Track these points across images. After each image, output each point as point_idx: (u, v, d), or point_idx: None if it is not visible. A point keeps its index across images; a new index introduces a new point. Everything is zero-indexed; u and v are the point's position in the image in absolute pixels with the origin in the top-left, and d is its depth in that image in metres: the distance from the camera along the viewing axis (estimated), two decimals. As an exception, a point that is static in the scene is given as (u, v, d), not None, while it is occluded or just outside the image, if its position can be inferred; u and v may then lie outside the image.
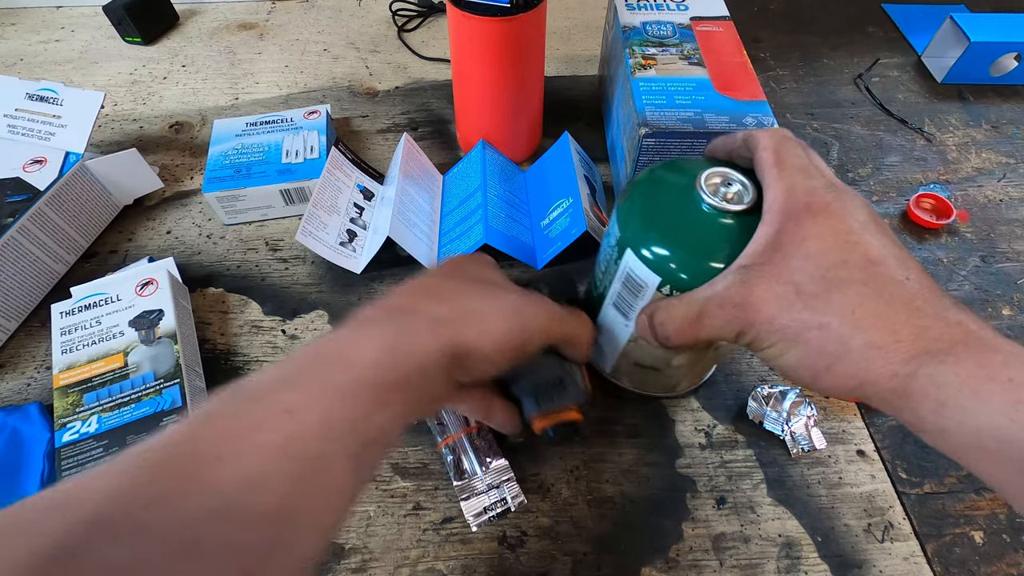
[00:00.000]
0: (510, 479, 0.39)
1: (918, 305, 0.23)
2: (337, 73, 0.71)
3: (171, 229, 0.55)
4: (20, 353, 0.46)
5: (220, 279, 0.51)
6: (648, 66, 0.51)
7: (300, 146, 0.56)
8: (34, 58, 0.72)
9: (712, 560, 0.37)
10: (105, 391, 0.40)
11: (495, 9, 0.47)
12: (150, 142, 0.63)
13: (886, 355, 0.22)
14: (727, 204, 0.29)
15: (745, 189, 0.30)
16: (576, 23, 0.79)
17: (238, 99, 0.67)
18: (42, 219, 0.48)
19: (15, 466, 0.38)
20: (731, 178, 0.31)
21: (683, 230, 0.30)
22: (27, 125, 0.51)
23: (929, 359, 0.22)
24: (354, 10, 0.81)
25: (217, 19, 0.79)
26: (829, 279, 0.23)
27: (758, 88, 0.49)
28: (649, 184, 0.33)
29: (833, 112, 0.67)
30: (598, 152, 0.61)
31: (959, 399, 0.21)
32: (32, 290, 0.48)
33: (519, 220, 0.52)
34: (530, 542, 0.38)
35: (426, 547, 0.38)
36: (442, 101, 0.67)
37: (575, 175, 0.51)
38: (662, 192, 0.32)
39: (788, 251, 0.25)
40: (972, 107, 0.68)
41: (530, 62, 0.53)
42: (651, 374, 0.40)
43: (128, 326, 0.42)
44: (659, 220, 0.31)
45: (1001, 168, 0.61)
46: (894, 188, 0.59)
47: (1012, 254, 0.54)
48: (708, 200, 0.30)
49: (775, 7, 0.82)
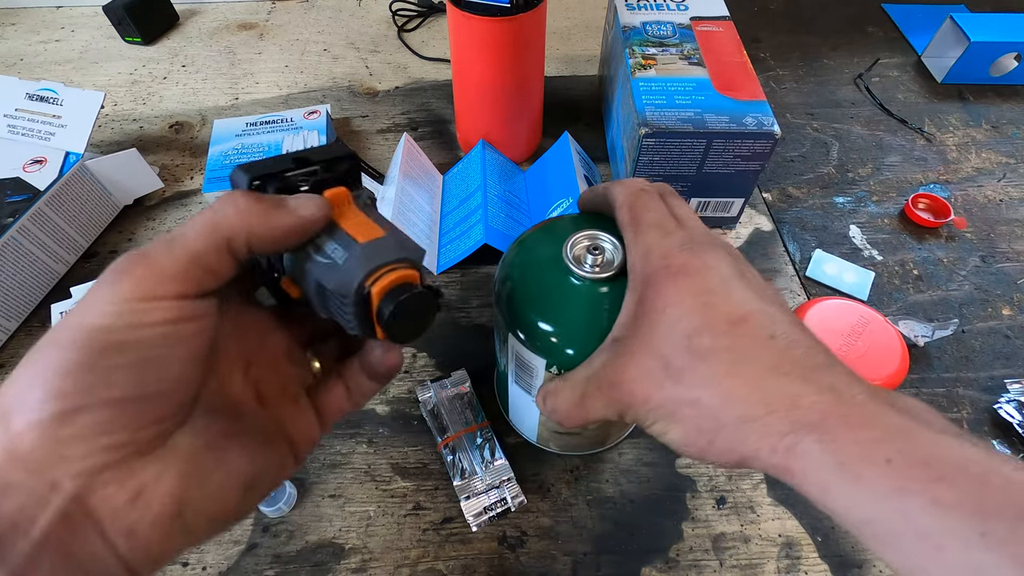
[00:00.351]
0: (510, 479, 0.39)
1: (787, 369, 0.21)
2: (337, 73, 0.71)
3: (171, 229, 0.55)
4: (20, 353, 0.46)
5: (220, 279, 0.51)
6: (648, 66, 0.51)
7: (300, 146, 0.56)
8: (34, 58, 0.72)
9: (712, 560, 0.37)
10: (105, 391, 0.39)
11: (495, 9, 0.47)
12: (150, 142, 0.63)
13: (761, 428, 0.20)
14: (597, 272, 0.28)
15: (616, 249, 0.28)
16: (576, 23, 0.79)
17: (238, 99, 0.67)
18: (42, 219, 0.48)
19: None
20: (599, 241, 0.29)
21: (558, 307, 0.28)
22: (27, 125, 0.51)
23: (805, 434, 0.19)
24: (354, 10, 0.81)
25: (217, 19, 0.79)
26: (693, 349, 0.22)
27: (758, 88, 0.49)
28: (520, 264, 0.31)
29: (833, 112, 0.67)
30: (598, 152, 0.61)
31: (840, 483, 0.18)
32: (32, 290, 0.48)
33: (519, 220, 0.52)
34: (530, 542, 0.38)
35: (426, 547, 0.38)
36: (442, 101, 0.67)
37: (575, 175, 0.51)
38: (533, 270, 0.30)
39: (652, 319, 0.23)
40: (972, 107, 0.68)
41: (530, 62, 0.53)
42: (574, 437, 0.39)
43: (128, 326, 0.42)
44: (533, 301, 0.29)
45: (1001, 168, 0.61)
46: (894, 188, 0.59)
47: (1012, 254, 0.54)
48: (577, 272, 0.28)
49: (775, 7, 0.82)
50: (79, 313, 0.18)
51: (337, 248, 0.22)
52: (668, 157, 0.48)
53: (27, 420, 0.16)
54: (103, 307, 0.17)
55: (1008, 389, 0.44)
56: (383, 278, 0.21)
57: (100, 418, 0.17)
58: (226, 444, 0.21)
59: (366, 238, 0.22)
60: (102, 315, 0.17)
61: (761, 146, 0.47)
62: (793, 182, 0.60)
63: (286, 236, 0.21)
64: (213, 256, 0.19)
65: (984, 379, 0.46)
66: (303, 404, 0.25)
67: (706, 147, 0.47)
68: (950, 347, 0.48)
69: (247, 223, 0.20)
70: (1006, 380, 0.45)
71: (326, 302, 0.22)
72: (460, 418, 0.41)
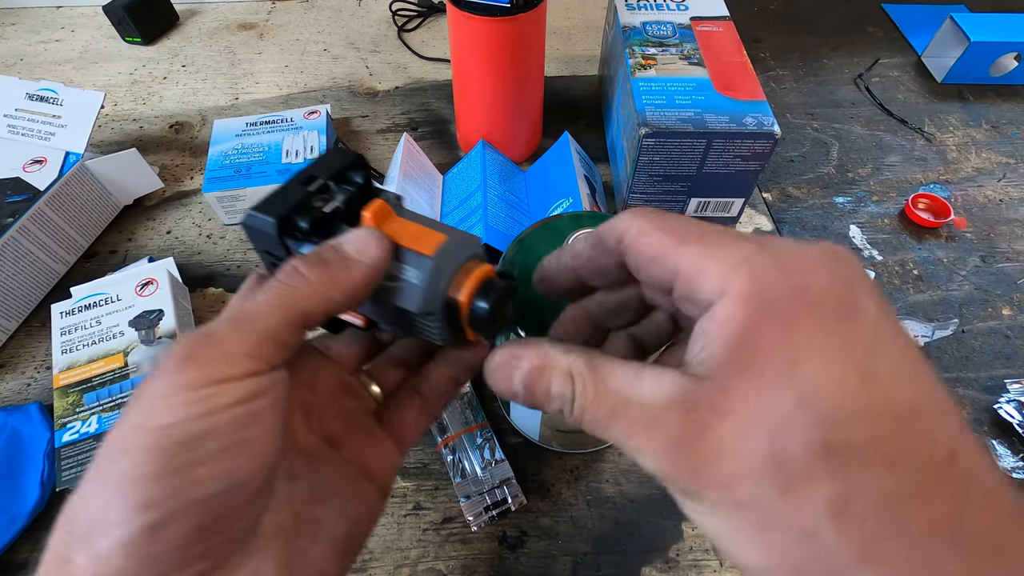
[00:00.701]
0: (510, 479, 0.39)
1: (970, 527, 0.13)
2: (337, 73, 0.71)
3: (171, 229, 0.55)
4: (20, 353, 0.46)
5: (220, 279, 0.51)
6: (648, 66, 0.51)
7: (300, 146, 0.56)
8: (34, 58, 0.72)
9: (712, 560, 0.37)
10: (105, 391, 0.40)
11: (495, 9, 0.47)
12: (150, 142, 0.63)
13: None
14: None
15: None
16: (576, 23, 0.79)
17: (238, 99, 0.67)
18: (42, 219, 0.47)
19: (15, 466, 0.38)
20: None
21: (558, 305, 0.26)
22: (27, 125, 0.51)
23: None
24: (354, 10, 0.81)
25: (217, 19, 0.79)
26: (833, 448, 0.14)
27: (758, 88, 0.49)
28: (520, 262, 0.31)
29: (833, 112, 0.67)
30: (598, 152, 0.61)
31: None
32: (32, 290, 0.48)
33: (519, 220, 0.52)
34: (530, 542, 0.38)
35: (426, 547, 0.38)
36: (442, 101, 0.67)
37: (575, 175, 0.51)
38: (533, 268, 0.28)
39: (768, 371, 0.14)
40: (972, 107, 0.68)
41: (530, 62, 0.53)
42: (578, 435, 0.39)
43: (128, 326, 0.42)
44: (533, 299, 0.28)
45: (1001, 168, 0.61)
46: (894, 188, 0.59)
47: (1012, 254, 0.54)
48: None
49: (775, 7, 0.82)
50: (143, 412, 0.16)
51: (407, 268, 0.20)
52: (668, 157, 0.48)
53: (114, 539, 0.15)
54: (169, 401, 0.16)
55: (1008, 389, 0.44)
56: (464, 284, 0.20)
57: (192, 524, 0.15)
58: (315, 511, 0.19)
59: (432, 248, 0.20)
60: (170, 409, 0.16)
61: (761, 146, 0.47)
62: (793, 182, 0.60)
63: (363, 290, 0.19)
64: (287, 331, 0.18)
65: (984, 379, 0.46)
66: (376, 433, 0.23)
67: (706, 147, 0.47)
68: (950, 347, 0.48)
69: (323, 295, 0.18)
70: (1006, 380, 0.45)
71: (409, 324, 0.21)
72: (460, 418, 0.41)
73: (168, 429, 0.15)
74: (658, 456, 0.16)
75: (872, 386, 0.14)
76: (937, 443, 0.14)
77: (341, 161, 0.22)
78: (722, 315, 0.15)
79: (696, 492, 0.15)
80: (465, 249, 0.21)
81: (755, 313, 0.15)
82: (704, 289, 0.15)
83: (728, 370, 0.15)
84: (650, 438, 0.16)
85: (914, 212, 0.56)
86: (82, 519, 0.15)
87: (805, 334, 0.14)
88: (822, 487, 0.14)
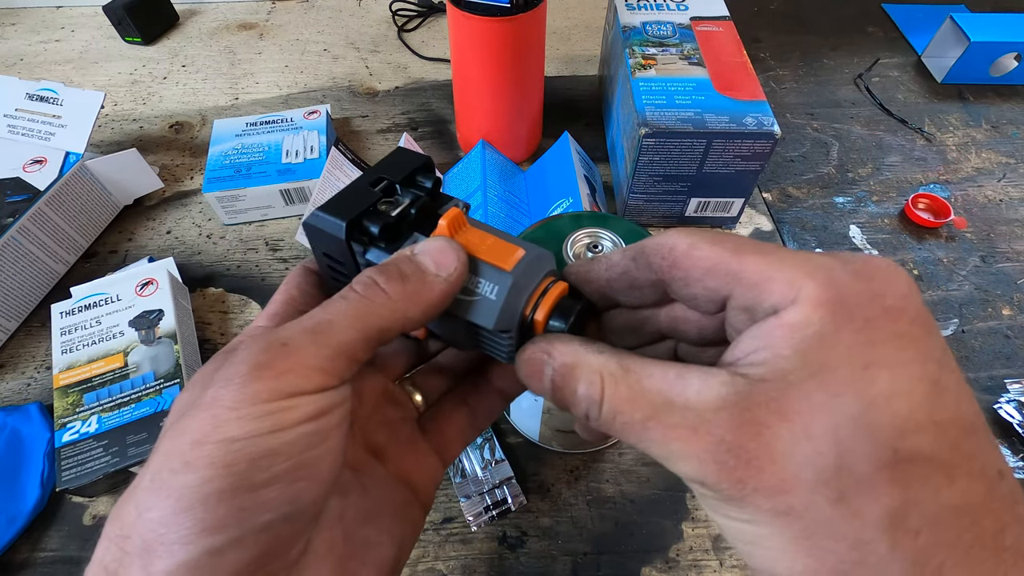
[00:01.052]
0: (510, 479, 0.39)
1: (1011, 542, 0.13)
2: (337, 73, 0.71)
3: (171, 229, 0.55)
4: (20, 353, 0.46)
5: (220, 279, 0.51)
6: (648, 66, 0.51)
7: (300, 146, 0.56)
8: (34, 58, 0.72)
9: (712, 560, 0.37)
10: (105, 391, 0.40)
11: (495, 9, 0.47)
12: (150, 142, 0.63)
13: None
14: None
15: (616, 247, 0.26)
16: (576, 23, 0.79)
17: (238, 99, 0.67)
18: (42, 219, 0.47)
19: (15, 466, 0.38)
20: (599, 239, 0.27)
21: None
22: (27, 125, 0.51)
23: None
24: (354, 10, 0.81)
25: (217, 19, 0.79)
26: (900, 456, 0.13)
27: (758, 88, 0.49)
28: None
29: (833, 112, 0.67)
30: (598, 152, 0.61)
31: None
32: (32, 290, 0.48)
33: (519, 220, 0.52)
34: (530, 542, 0.38)
35: (426, 547, 0.38)
36: (442, 101, 0.67)
37: (575, 175, 0.51)
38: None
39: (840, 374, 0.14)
40: (972, 107, 0.68)
41: (530, 62, 0.53)
42: (576, 436, 0.39)
43: (128, 326, 0.42)
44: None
45: (1001, 168, 0.61)
46: (894, 188, 0.59)
47: (1012, 254, 0.54)
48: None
49: (775, 7, 0.82)
50: (207, 423, 0.15)
51: (483, 282, 0.19)
52: (668, 157, 0.48)
53: (174, 560, 0.14)
54: (239, 413, 0.15)
55: (1008, 389, 0.44)
56: (542, 302, 0.19)
57: (255, 551, 0.15)
58: (365, 532, 0.19)
59: (510, 263, 0.19)
60: (239, 422, 0.15)
61: (761, 146, 0.47)
62: (793, 182, 0.60)
63: (440, 307, 0.18)
64: (361, 347, 0.17)
65: (984, 379, 0.46)
66: (419, 444, 0.22)
67: (706, 147, 0.47)
68: (950, 347, 0.48)
69: (402, 311, 0.18)
70: (1006, 380, 0.45)
71: (477, 339, 0.20)
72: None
73: (237, 443, 0.14)
74: (703, 460, 0.15)
75: (942, 398, 0.14)
76: (989, 459, 0.14)
77: (410, 163, 0.21)
78: (794, 318, 0.14)
79: (740, 498, 0.14)
80: (543, 265, 0.20)
81: (833, 317, 0.14)
82: (773, 293, 0.15)
83: (796, 372, 0.14)
84: (696, 442, 0.15)
85: (914, 212, 0.56)
86: (139, 534, 0.14)
87: (883, 340, 0.14)
88: (883, 497, 0.13)
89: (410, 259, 0.18)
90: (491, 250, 0.19)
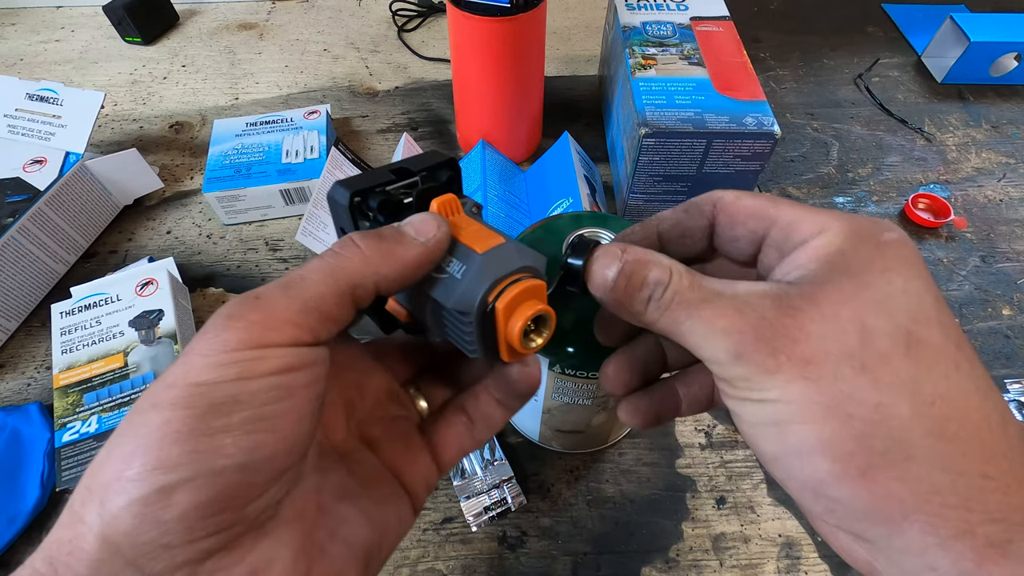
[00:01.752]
0: (510, 479, 0.39)
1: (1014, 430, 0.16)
2: (337, 73, 0.71)
3: (171, 229, 0.55)
4: (20, 353, 0.46)
5: (220, 279, 0.51)
6: (648, 66, 0.51)
7: (300, 146, 0.56)
8: (34, 58, 0.72)
9: (712, 560, 0.37)
10: (105, 391, 0.40)
11: (495, 9, 0.47)
12: (150, 142, 0.63)
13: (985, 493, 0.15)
14: None
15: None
16: (576, 23, 0.79)
17: (238, 99, 0.67)
18: (42, 219, 0.47)
19: (15, 466, 0.38)
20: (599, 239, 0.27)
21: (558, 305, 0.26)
22: (27, 125, 0.51)
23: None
24: (354, 10, 0.81)
25: (217, 19, 0.79)
26: (914, 338, 0.16)
27: (758, 88, 0.49)
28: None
29: (833, 112, 0.67)
30: (598, 152, 0.61)
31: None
32: (32, 290, 0.48)
33: (519, 220, 0.52)
34: (530, 542, 0.38)
35: (426, 547, 0.38)
36: (442, 101, 0.67)
37: (575, 175, 0.51)
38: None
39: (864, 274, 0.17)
40: (972, 107, 0.68)
41: (530, 62, 0.53)
42: (576, 436, 0.39)
43: (128, 326, 0.42)
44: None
45: (1001, 168, 0.61)
46: (894, 188, 0.59)
47: (1012, 254, 0.54)
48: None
49: (775, 7, 0.82)
50: (182, 366, 0.15)
51: (453, 260, 0.19)
52: (668, 157, 0.48)
53: (126, 498, 0.14)
54: (210, 358, 0.15)
55: (1008, 389, 0.44)
56: (505, 294, 0.19)
57: (205, 495, 0.15)
58: (341, 508, 0.19)
59: (484, 247, 0.19)
60: (208, 367, 0.15)
61: (761, 146, 0.47)
62: (793, 182, 0.60)
63: (415, 270, 0.19)
64: (334, 302, 0.17)
65: (984, 379, 0.46)
66: (415, 445, 0.22)
67: (706, 147, 0.47)
68: (950, 347, 0.48)
69: (374, 267, 0.18)
70: (1006, 380, 0.45)
71: (442, 322, 0.20)
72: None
73: (202, 388, 0.15)
74: (744, 332, 0.17)
75: (945, 310, 0.17)
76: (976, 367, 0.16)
77: (434, 160, 0.22)
78: (821, 242, 0.18)
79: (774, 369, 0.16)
80: (520, 259, 0.19)
81: (852, 240, 0.17)
82: (802, 231, 0.18)
83: (824, 274, 0.17)
84: (741, 319, 0.17)
85: (914, 212, 0.56)
86: (103, 473, 0.15)
87: (894, 258, 0.17)
88: (901, 369, 0.15)
89: (392, 226, 0.20)
90: (472, 235, 0.20)
